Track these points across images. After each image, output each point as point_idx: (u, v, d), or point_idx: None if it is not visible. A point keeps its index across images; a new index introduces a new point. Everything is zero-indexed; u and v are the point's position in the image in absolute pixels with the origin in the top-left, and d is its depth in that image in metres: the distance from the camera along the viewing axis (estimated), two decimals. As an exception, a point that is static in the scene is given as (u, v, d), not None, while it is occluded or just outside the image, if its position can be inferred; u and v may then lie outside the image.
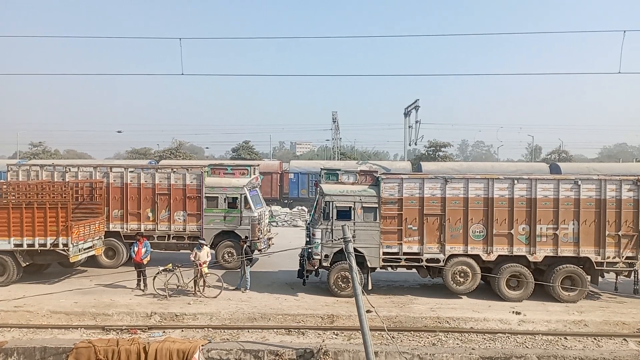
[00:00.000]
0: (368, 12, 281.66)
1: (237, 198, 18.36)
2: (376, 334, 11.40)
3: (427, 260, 14.89)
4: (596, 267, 14.67)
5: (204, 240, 16.56)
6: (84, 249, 16.23)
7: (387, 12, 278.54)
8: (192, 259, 15.24)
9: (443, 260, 14.80)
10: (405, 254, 14.89)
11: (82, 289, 14.69)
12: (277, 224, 32.09)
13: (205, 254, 15.33)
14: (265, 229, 19.50)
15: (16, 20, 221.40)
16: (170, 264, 15.20)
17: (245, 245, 16.26)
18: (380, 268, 15.25)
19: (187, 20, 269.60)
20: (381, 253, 14.84)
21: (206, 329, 12.46)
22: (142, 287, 15.46)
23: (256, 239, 18.14)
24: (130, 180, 18.44)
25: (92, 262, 17.97)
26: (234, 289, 15.65)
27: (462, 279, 14.82)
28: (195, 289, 15.07)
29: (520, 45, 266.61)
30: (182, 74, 18.62)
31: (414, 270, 15.67)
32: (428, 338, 12.04)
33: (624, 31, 15.56)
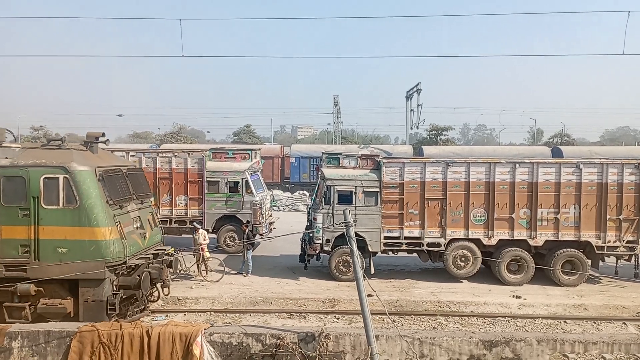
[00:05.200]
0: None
1: (238, 182, 18.36)
2: (377, 317, 11.49)
3: (428, 245, 14.92)
4: (597, 251, 14.68)
5: (199, 223, 16.54)
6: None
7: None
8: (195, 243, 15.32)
9: (444, 245, 14.83)
10: (406, 238, 14.91)
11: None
12: (279, 208, 32.15)
13: (201, 236, 15.36)
14: (266, 213, 19.53)
15: (16, 1, 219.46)
16: (172, 248, 15.26)
17: (247, 230, 16.30)
18: (382, 252, 15.28)
19: (188, 2, 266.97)
20: (382, 237, 14.86)
21: (208, 312, 12.58)
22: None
23: (258, 223, 18.18)
24: (132, 165, 18.41)
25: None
26: (235, 273, 15.74)
27: (462, 263, 14.87)
28: (199, 272, 15.16)
29: (524, 27, 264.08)
30: (183, 56, 18.49)
31: (415, 254, 15.71)
32: (429, 322, 12.15)
33: (629, 12, 15.35)
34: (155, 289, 11.95)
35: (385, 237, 14.90)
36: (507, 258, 14.75)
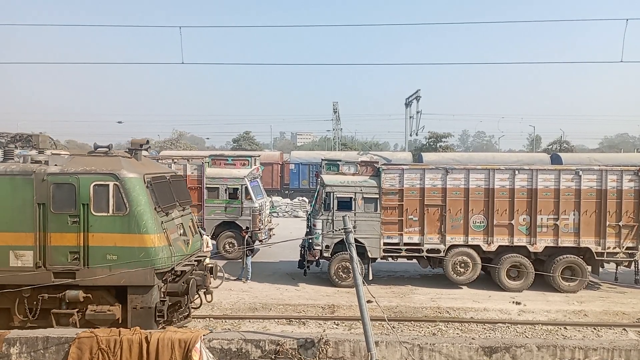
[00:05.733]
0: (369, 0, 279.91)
1: (238, 189, 18.37)
2: (377, 324, 11.45)
3: (428, 251, 14.91)
4: (596, 258, 14.68)
5: (203, 229, 16.55)
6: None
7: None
8: None
9: (444, 251, 14.82)
10: (405, 244, 14.91)
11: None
12: (278, 214, 32.12)
13: (204, 243, 15.33)
14: (266, 220, 19.52)
15: (14, 8, 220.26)
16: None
17: (246, 236, 16.29)
18: (381, 258, 15.28)
19: (187, 9, 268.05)
20: (382, 243, 14.86)
21: (207, 318, 12.53)
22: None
23: (257, 229, 18.18)
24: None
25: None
26: (235, 279, 15.71)
27: (462, 269, 14.85)
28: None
29: (523, 35, 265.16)
30: (183, 63, 18.52)
31: (414, 260, 15.70)
32: (428, 328, 12.10)
33: (627, 19, 15.45)
34: (198, 295, 11.90)
35: (385, 244, 14.89)
36: (506, 264, 14.74)
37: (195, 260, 11.47)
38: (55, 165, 10.12)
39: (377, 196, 14.89)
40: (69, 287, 9.92)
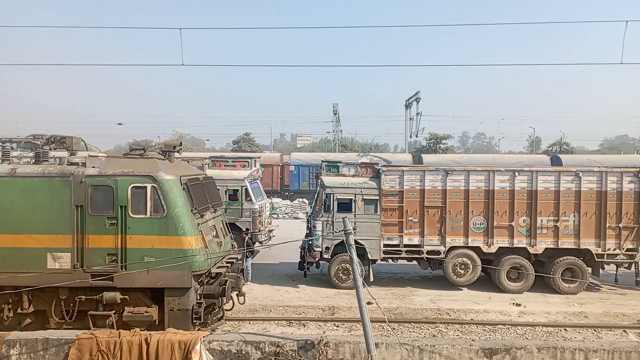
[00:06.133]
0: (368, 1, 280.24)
1: (238, 190, 18.34)
2: (377, 325, 11.45)
3: (428, 252, 14.90)
4: (597, 259, 14.67)
5: None
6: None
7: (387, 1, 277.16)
8: None
9: (444, 252, 14.81)
10: (405, 246, 14.90)
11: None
12: (278, 216, 32.12)
13: None
14: (266, 221, 19.51)
15: (15, 9, 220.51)
16: None
17: (246, 237, 16.27)
18: (381, 260, 15.27)
19: (187, 11, 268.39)
20: (382, 245, 14.85)
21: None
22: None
23: (257, 231, 18.14)
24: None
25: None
26: (235, 281, 15.67)
27: (462, 271, 14.85)
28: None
29: (522, 36, 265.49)
30: (183, 65, 18.56)
31: (414, 262, 15.69)
32: (428, 329, 12.10)
33: (627, 21, 15.44)
34: (230, 297, 11.90)
35: (385, 245, 14.89)
36: (507, 266, 14.73)
37: (227, 262, 11.47)
38: (93, 167, 10.08)
39: (377, 198, 14.89)
40: (105, 288, 9.92)
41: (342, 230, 8.88)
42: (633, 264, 14.83)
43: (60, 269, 9.84)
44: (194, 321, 10.17)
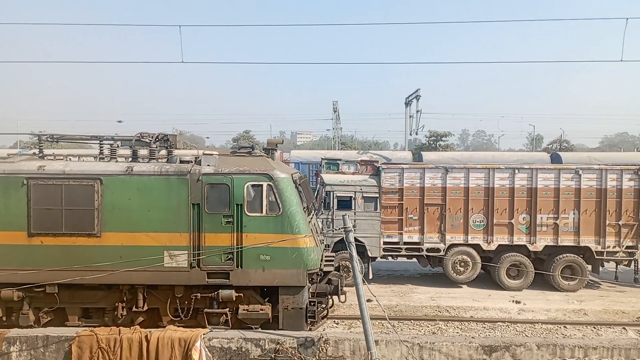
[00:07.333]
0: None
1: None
2: (377, 322, 11.47)
3: (428, 250, 14.92)
4: (596, 257, 14.69)
5: None
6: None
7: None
8: None
9: (443, 250, 14.83)
10: (405, 243, 14.92)
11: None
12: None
13: None
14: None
15: (14, 7, 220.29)
16: None
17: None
18: (381, 257, 15.29)
19: (187, 8, 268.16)
20: (382, 242, 14.86)
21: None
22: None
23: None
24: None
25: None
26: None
27: (462, 269, 14.86)
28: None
29: (522, 33, 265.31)
30: (182, 62, 18.53)
31: (414, 259, 15.71)
32: (428, 327, 12.11)
33: (627, 18, 15.40)
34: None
35: (385, 242, 14.90)
36: (506, 263, 14.74)
37: (328, 261, 11.48)
38: (208, 165, 9.98)
39: (377, 195, 14.90)
40: (220, 286, 9.87)
41: (342, 228, 8.89)
42: (632, 262, 14.86)
43: (178, 267, 9.76)
44: (308, 320, 10.16)
